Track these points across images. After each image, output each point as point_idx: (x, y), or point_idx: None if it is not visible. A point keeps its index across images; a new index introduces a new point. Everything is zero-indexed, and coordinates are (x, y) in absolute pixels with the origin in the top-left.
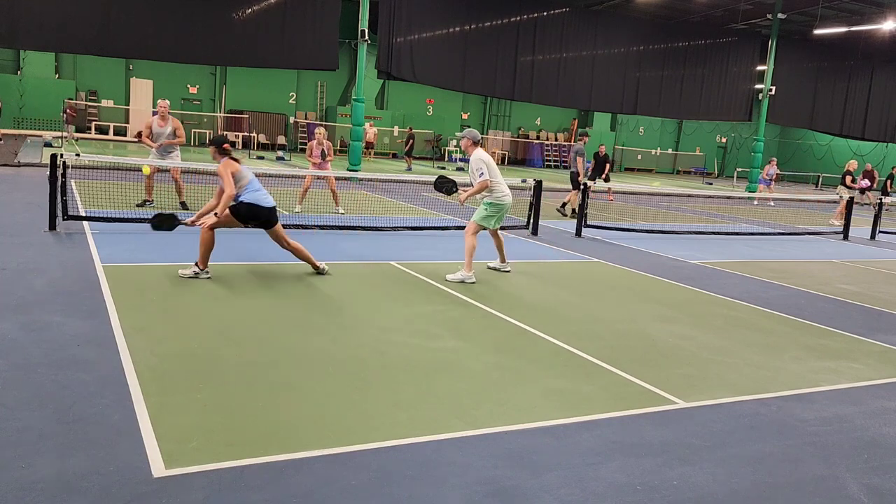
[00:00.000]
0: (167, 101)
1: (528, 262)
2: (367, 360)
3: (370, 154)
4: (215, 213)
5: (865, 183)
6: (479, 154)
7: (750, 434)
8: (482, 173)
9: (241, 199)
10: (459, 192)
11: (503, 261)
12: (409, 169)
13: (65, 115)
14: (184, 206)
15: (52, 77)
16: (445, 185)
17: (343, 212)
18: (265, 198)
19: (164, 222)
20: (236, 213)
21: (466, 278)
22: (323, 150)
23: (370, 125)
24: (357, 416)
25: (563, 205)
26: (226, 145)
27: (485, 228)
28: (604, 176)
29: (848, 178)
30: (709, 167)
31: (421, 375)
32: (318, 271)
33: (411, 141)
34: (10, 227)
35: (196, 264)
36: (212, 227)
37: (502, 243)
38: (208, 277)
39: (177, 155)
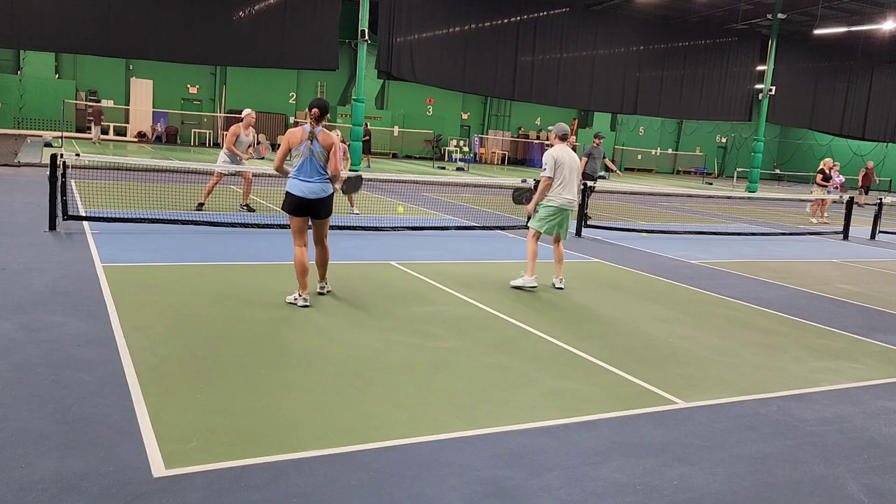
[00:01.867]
0: (253, 111)
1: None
2: (367, 360)
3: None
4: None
5: (840, 179)
6: (552, 150)
7: (750, 434)
8: (544, 169)
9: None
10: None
11: (557, 275)
12: (367, 166)
13: (92, 118)
14: (248, 208)
15: (52, 77)
16: (525, 196)
17: (358, 212)
18: (296, 185)
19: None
20: (284, 207)
21: (526, 283)
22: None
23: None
24: (357, 416)
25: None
26: (315, 109)
27: (541, 233)
28: None
29: (819, 177)
30: (709, 167)
31: (421, 375)
32: (321, 286)
33: (367, 137)
34: (10, 227)
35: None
36: (298, 245)
37: (562, 255)
38: (307, 305)
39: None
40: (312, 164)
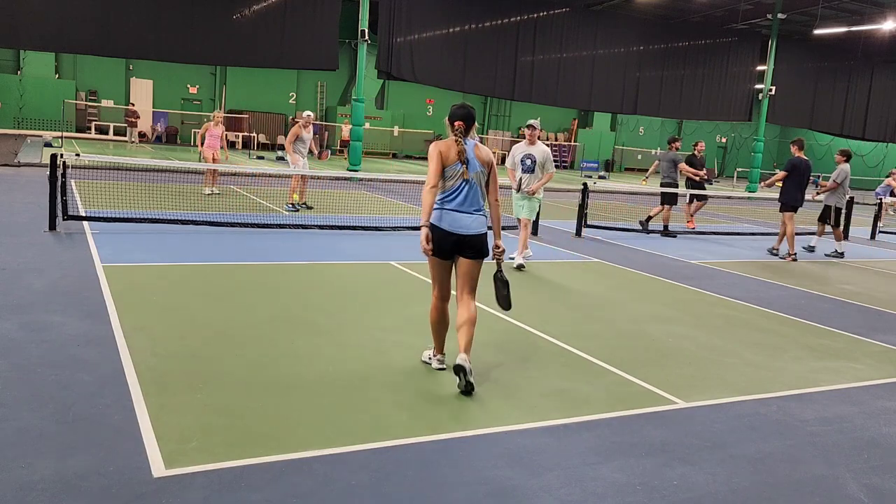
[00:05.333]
0: (311, 113)
1: (528, 261)
2: (367, 360)
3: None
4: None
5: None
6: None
7: (750, 434)
8: (554, 164)
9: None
10: (524, 189)
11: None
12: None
13: (128, 120)
14: (307, 206)
15: (52, 77)
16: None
17: (215, 192)
18: (447, 217)
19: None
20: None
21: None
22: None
23: (345, 123)
24: (357, 416)
25: (648, 218)
26: (458, 122)
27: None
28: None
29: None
30: (709, 167)
31: (421, 375)
32: (462, 361)
33: None
34: (10, 227)
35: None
36: (436, 296)
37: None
38: (442, 367)
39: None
40: (474, 190)
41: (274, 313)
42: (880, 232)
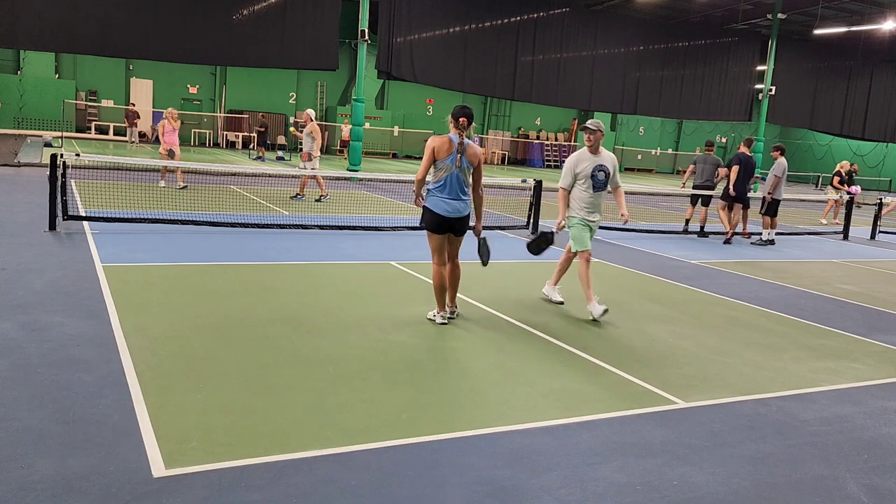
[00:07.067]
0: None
1: (527, 262)
2: (367, 360)
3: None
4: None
5: (855, 189)
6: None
7: (750, 434)
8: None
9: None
10: (622, 214)
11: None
12: (262, 159)
13: (128, 120)
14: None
15: (52, 77)
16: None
17: (185, 185)
18: (439, 203)
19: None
20: (424, 221)
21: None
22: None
23: (345, 123)
24: (357, 416)
25: (702, 228)
26: (462, 118)
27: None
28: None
29: (836, 179)
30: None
31: (421, 375)
32: (451, 310)
33: (264, 129)
34: (10, 227)
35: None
36: (437, 263)
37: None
38: (444, 322)
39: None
40: (459, 180)
41: (274, 313)
42: (880, 232)
